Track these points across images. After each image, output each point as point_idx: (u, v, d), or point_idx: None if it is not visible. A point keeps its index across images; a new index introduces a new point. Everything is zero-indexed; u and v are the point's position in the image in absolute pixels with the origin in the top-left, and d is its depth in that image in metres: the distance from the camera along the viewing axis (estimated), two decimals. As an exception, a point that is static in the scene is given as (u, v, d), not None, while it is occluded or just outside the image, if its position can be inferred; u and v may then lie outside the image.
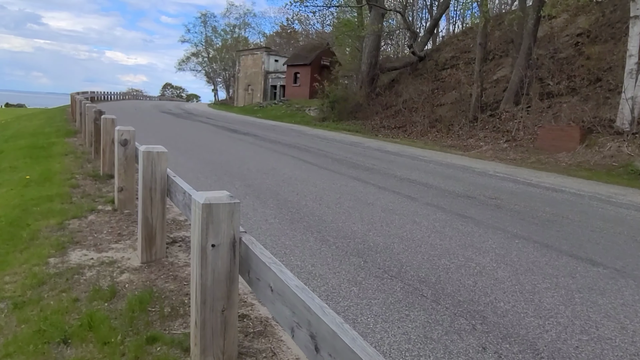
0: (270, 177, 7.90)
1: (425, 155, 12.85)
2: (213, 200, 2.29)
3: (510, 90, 18.43)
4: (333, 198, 6.60)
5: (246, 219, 5.31)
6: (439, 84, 24.91)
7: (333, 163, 10.02)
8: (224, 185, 7.11)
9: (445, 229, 5.38)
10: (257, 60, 53.20)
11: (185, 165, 8.69)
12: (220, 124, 20.17)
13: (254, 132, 16.68)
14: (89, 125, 9.58)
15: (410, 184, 8.10)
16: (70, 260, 3.91)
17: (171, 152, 10.21)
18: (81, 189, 6.38)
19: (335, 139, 15.90)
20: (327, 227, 5.17)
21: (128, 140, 5.43)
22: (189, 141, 12.56)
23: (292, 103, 35.00)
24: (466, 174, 9.82)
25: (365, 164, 10.18)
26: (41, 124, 16.88)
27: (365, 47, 28.54)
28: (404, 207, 6.30)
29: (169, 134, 14.17)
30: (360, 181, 8.05)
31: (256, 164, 9.26)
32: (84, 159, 8.71)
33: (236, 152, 10.94)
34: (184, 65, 73.75)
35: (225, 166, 8.82)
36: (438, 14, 27.32)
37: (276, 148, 12.11)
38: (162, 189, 3.92)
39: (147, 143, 10.44)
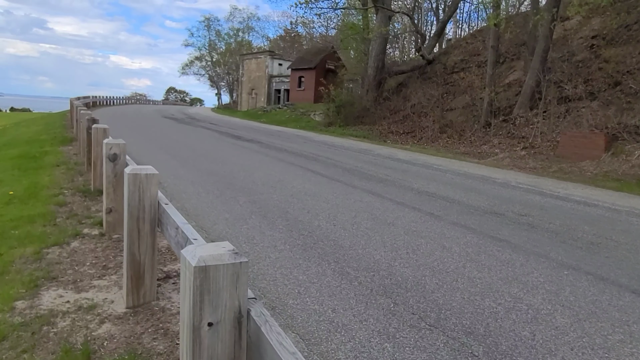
0: (278, 191, 7.22)
1: (440, 164, 12.15)
2: (210, 260, 1.62)
3: (524, 94, 17.73)
4: (348, 217, 5.91)
5: (252, 245, 4.64)
6: (448, 87, 24.22)
7: (344, 174, 9.34)
8: (227, 201, 6.44)
9: (480, 256, 4.69)
10: (261, 64, 52.74)
11: (185, 177, 8.03)
12: (224, 129, 19.54)
13: (259, 138, 16.03)
14: (82, 133, 8.96)
15: (430, 199, 7.40)
16: (42, 304, 3.25)
17: (170, 162, 9.57)
18: (68, 208, 5.72)
19: (343, 146, 15.22)
20: (346, 255, 4.49)
21: (118, 155, 4.77)
22: (190, 149, 11.91)
23: (297, 107, 34.38)
24: (487, 186, 9.12)
25: (378, 175, 9.50)
26: (39, 131, 16.29)
27: (371, 51, 27.89)
28: (428, 228, 5.60)
29: (169, 142, 13.54)
30: (375, 195, 7.36)
31: (262, 175, 8.59)
32: (76, 170, 8.06)
33: (240, 161, 10.27)
34: (187, 69, 73.42)
35: (229, 178, 8.15)
36: (446, 17, 26.67)
37: (282, 157, 11.44)
38: (151, 219, 3.25)
39: (145, 152, 9.85)
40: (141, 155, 10.35)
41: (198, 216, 5.62)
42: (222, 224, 5.32)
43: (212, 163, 9.74)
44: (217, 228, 5.16)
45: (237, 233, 5.01)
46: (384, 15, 26.45)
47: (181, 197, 6.54)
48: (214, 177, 8.15)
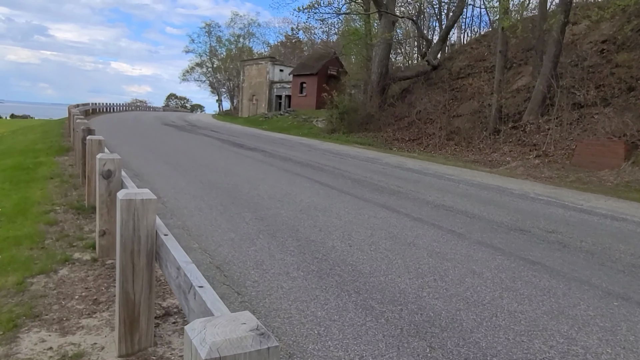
0: (286, 206, 6.74)
1: (451, 173, 11.67)
2: (227, 348, 1.15)
3: (534, 100, 17.28)
4: (364, 236, 5.43)
5: (262, 272, 4.15)
6: (454, 93, 23.79)
7: (354, 185, 8.86)
8: (232, 218, 5.96)
9: (516, 283, 4.20)
10: (262, 70, 52.45)
11: (186, 190, 7.55)
12: (225, 137, 19.09)
13: (262, 146, 15.57)
14: (78, 143, 8.49)
15: (448, 213, 6.92)
16: (20, 353, 2.76)
17: (171, 173, 9.09)
18: (59, 227, 5.24)
19: (349, 155, 14.75)
20: (367, 284, 4.00)
21: (112, 172, 4.30)
22: (192, 159, 11.44)
23: (299, 114, 33.97)
24: (505, 198, 8.64)
25: (390, 186, 9.02)
26: (35, 139, 15.84)
27: (375, 56, 27.50)
28: (453, 249, 5.12)
29: (169, 151, 13.07)
30: (390, 210, 6.87)
31: (268, 187, 8.11)
32: (70, 184, 7.58)
33: (244, 172, 9.80)
34: (188, 75, 73.20)
35: (233, 191, 7.67)
36: (451, 21, 26.28)
37: (288, 167, 10.97)
38: (148, 252, 2.77)
39: (144, 162, 9.36)
40: (140, 166, 9.88)
41: (201, 236, 5.13)
42: (227, 246, 4.83)
43: (214, 174, 9.26)
44: (222, 251, 4.67)
45: (244, 257, 4.52)
46: (387, 21, 26.08)
47: (182, 214, 6.06)
48: (217, 191, 7.67)
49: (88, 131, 7.22)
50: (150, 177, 8.58)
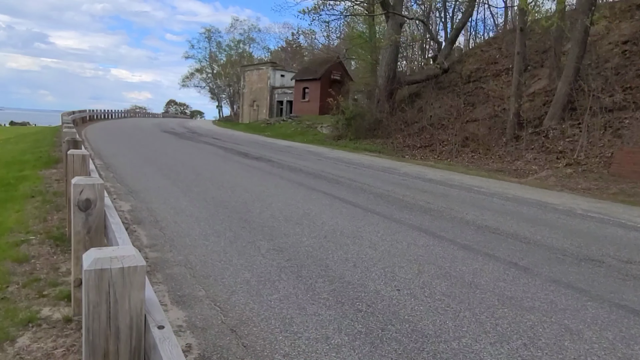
0: (307, 231, 5.67)
1: (479, 185, 10.61)
2: None
3: (556, 104, 16.25)
4: (411, 274, 4.36)
5: (294, 337, 3.07)
6: (466, 98, 22.76)
7: (378, 202, 7.80)
8: (245, 249, 4.89)
9: (635, 348, 3.13)
10: (263, 75, 51.54)
11: (188, 211, 6.48)
12: (228, 145, 18.03)
13: (268, 155, 14.51)
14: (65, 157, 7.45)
15: (496, 238, 5.85)
16: None
17: (171, 189, 8.00)
18: (30, 266, 4.18)
19: (362, 164, 13.70)
20: (438, 356, 2.92)
21: (92, 202, 3.22)
22: (193, 171, 10.38)
23: (302, 120, 32.96)
24: (550, 215, 7.57)
25: (418, 202, 7.95)
26: (25, 149, 14.78)
27: (382, 60, 26.51)
28: (526, 292, 4.05)
29: (168, 161, 12.01)
30: (429, 235, 5.80)
31: (281, 206, 7.04)
32: (53, 204, 6.51)
33: (252, 186, 8.74)
34: (187, 81, 72.33)
35: (242, 211, 6.60)
36: (460, 23, 25.34)
37: (300, 179, 9.91)
38: (131, 356, 1.70)
39: (141, 176, 8.23)
40: (136, 180, 8.81)
41: (208, 278, 4.06)
42: (242, 293, 3.76)
43: (220, 189, 8.20)
44: (237, 302, 3.60)
45: (267, 311, 3.45)
46: (395, 23, 25.12)
47: (184, 244, 4.98)
48: (224, 211, 6.60)
49: (73, 143, 6.16)
50: (147, 194, 7.51)
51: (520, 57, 17.53)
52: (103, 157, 12.19)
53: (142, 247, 4.81)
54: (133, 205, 6.68)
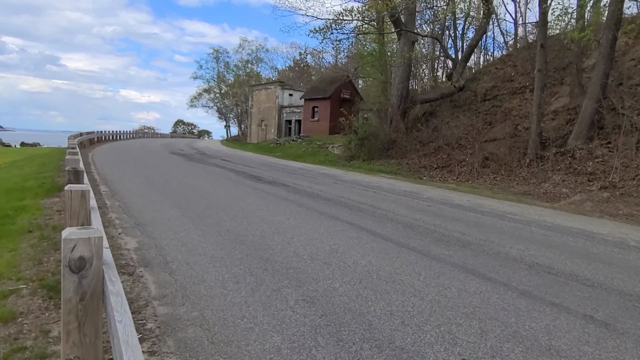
0: (338, 273, 4.94)
1: (510, 211, 9.84)
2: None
3: (581, 123, 15.51)
4: (473, 335, 3.60)
5: None
6: (483, 116, 22.09)
7: (409, 234, 7.06)
8: (270, 300, 4.16)
9: None
10: (271, 94, 51.38)
11: (201, 248, 5.78)
12: (239, 167, 17.40)
13: (282, 179, 13.84)
14: (67, 185, 6.81)
15: (555, 280, 5.09)
16: None
17: (180, 220, 7.27)
18: (15, 327, 3.48)
19: (381, 187, 12.98)
20: None
21: (87, 261, 2.53)
22: (205, 198, 9.72)
23: (313, 140, 32.39)
24: (602, 248, 6.79)
25: (452, 233, 7.20)
26: (29, 174, 14.23)
27: (394, 78, 26.03)
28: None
29: (177, 187, 11.37)
30: (478, 277, 5.05)
31: (304, 240, 6.33)
32: (51, 242, 5.84)
33: (269, 216, 8.04)
34: (196, 101, 72.47)
35: (262, 248, 5.89)
36: (474, 41, 24.83)
37: (319, 206, 9.20)
38: None
39: (148, 204, 7.55)
40: (143, 209, 8.15)
41: (230, 345, 3.33)
42: (274, 367, 3.03)
43: (234, 220, 7.50)
44: (269, 381, 2.86)
45: (308, 396, 2.71)
46: (407, 41, 24.68)
47: (199, 294, 4.27)
48: (242, 247, 5.89)
49: (74, 174, 5.52)
50: (156, 228, 6.82)
51: (542, 74, 16.88)
52: (109, 182, 11.58)
53: (150, 299, 4.10)
54: (140, 242, 5.99)
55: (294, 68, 72.92)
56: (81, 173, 5.69)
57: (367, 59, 28.97)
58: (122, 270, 4.81)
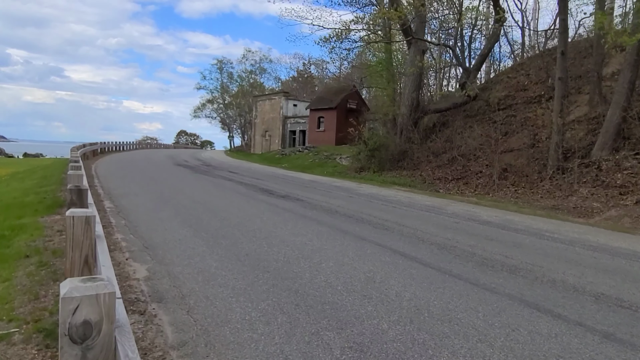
0: (382, 311, 4.23)
1: (547, 229, 9.12)
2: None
3: (606, 133, 14.84)
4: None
5: None
6: (497, 126, 21.43)
7: (447, 257, 6.36)
8: (310, 348, 3.45)
9: None
10: (275, 105, 50.93)
11: (220, 278, 5.09)
12: (247, 180, 16.73)
13: (294, 192, 13.16)
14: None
15: (628, 315, 4.38)
16: None
17: (194, 242, 6.36)
18: (2, 393, 2.78)
19: (400, 202, 12.28)
20: None
21: (94, 327, 1.85)
22: (217, 215, 9.04)
23: (320, 150, 31.79)
24: (666, 273, 6.07)
25: (494, 256, 6.50)
26: (30, 187, 13.59)
27: (404, 88, 25.47)
28: None
29: (186, 202, 10.70)
30: (546, 314, 4.34)
31: (334, 266, 5.63)
32: (51, 269, 5.16)
33: (290, 236, 7.35)
34: (199, 112, 72.11)
35: (288, 276, 5.20)
36: (486, 49, 24.28)
37: (340, 224, 8.51)
38: None
39: (158, 222, 6.67)
40: (152, 229, 7.47)
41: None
42: None
43: (252, 241, 6.81)
44: None
45: None
46: (417, 50, 24.14)
47: (225, 340, 3.56)
48: (266, 276, 5.19)
49: (77, 194, 4.85)
50: (167, 251, 6.14)
51: (563, 82, 16.24)
52: (114, 197, 10.92)
53: (167, 348, 3.40)
54: (151, 270, 5.30)
55: (297, 78, 72.66)
56: (85, 192, 5.03)
57: (375, 68, 28.40)
58: (131, 307, 4.12)
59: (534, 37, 31.74)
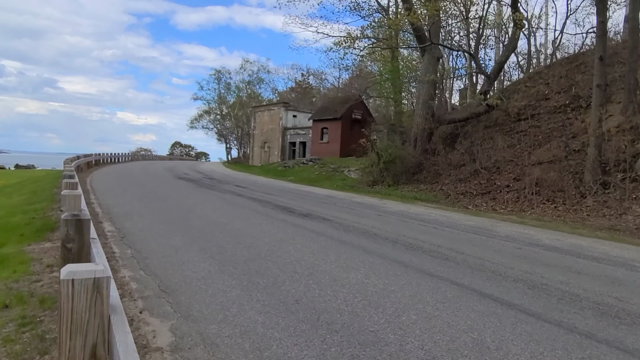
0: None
1: (631, 257, 7.76)
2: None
3: (653, 144, 13.62)
4: None
5: None
6: (520, 137, 20.23)
7: (550, 302, 4.97)
8: None
9: None
10: (275, 116, 49.68)
11: (274, 342, 3.64)
12: (259, 195, 15.29)
13: (316, 210, 11.74)
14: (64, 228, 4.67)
15: None
16: None
17: (222, 282, 3.82)
18: None
19: (439, 222, 10.89)
20: None
21: None
22: (239, 240, 7.60)
23: (326, 163, 30.42)
24: None
25: (605, 299, 5.12)
26: (17, 204, 12.08)
27: (418, 97, 24.27)
28: None
29: (199, 224, 9.24)
30: None
31: (421, 321, 4.21)
32: (37, 333, 3.69)
33: (338, 271, 5.93)
34: (196, 123, 70.68)
35: (368, 341, 3.77)
36: (504, 57, 23.15)
37: (391, 253, 7.10)
38: None
39: (170, 251, 5.47)
40: (167, 263, 6.00)
41: None
42: None
43: (296, 280, 5.38)
44: None
45: None
46: (431, 57, 22.99)
47: None
48: (334, 338, 3.75)
49: (75, 227, 3.42)
50: (192, 297, 4.69)
51: (601, 89, 15.05)
52: (114, 218, 9.44)
53: None
54: (176, 330, 3.85)
55: (295, 89, 71.62)
56: (86, 224, 3.60)
57: (380, 77, 27.16)
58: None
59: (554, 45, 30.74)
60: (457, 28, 24.47)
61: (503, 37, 26.62)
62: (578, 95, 20.55)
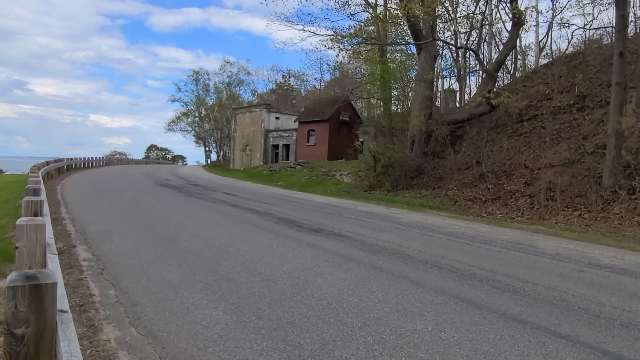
0: None
1: None
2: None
3: (680, 146, 12.68)
4: None
5: None
6: (525, 139, 19.24)
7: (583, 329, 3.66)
8: None
9: None
10: (256, 118, 48.04)
11: None
12: (254, 204, 13.75)
13: (325, 224, 10.30)
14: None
15: None
16: None
17: (248, 343, 3.52)
18: None
19: (468, 235, 9.59)
20: None
21: None
22: (253, 273, 6.10)
23: (315, 166, 29.01)
24: None
25: None
26: (-27, 221, 10.24)
27: (415, 97, 23.12)
28: None
29: (197, 247, 7.69)
30: None
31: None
32: None
33: (399, 319, 4.54)
34: (174, 125, 68.25)
35: None
36: (502, 55, 22.19)
37: (445, 285, 5.74)
38: None
39: (163, 284, 4.25)
40: (165, 308, 4.48)
41: None
42: None
43: (347, 336, 3.95)
44: None
45: None
46: (428, 55, 21.87)
47: None
48: None
49: (31, 298, 1.92)
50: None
51: (621, 87, 14.08)
52: (91, 239, 7.81)
53: None
54: None
55: (276, 90, 70.05)
56: (50, 294, 2.08)
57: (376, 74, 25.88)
58: None
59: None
60: (454, 25, 23.36)
61: (499, 35, 25.71)
62: (582, 94, 19.67)
